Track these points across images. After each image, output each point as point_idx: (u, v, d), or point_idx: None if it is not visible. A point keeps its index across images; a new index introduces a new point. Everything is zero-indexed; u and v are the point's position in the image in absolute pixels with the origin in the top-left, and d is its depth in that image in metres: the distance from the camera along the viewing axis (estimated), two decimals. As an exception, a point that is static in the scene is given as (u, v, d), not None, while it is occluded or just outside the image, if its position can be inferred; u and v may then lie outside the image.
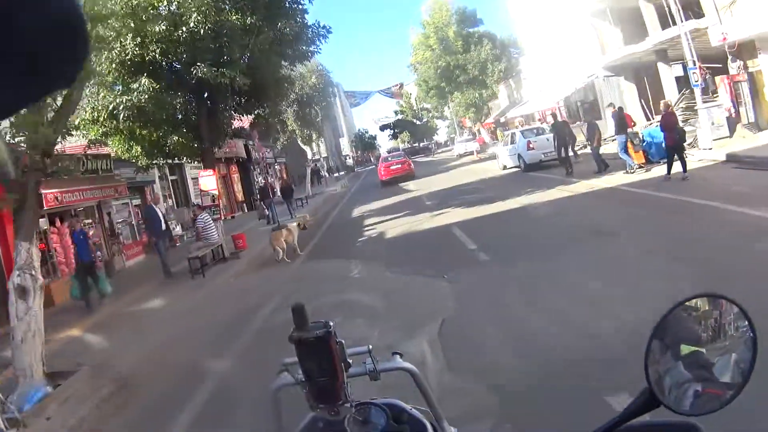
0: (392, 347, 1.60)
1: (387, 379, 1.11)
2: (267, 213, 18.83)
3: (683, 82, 15.99)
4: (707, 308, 0.87)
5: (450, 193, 16.52)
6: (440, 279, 6.63)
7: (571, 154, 15.30)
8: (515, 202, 11.72)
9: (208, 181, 13.02)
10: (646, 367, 0.85)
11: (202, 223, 11.78)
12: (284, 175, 35.17)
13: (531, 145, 17.82)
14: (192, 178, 20.83)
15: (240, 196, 27.38)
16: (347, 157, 72.03)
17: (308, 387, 0.98)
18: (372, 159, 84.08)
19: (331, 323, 0.98)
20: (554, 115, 17.24)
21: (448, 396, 3.19)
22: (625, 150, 12.20)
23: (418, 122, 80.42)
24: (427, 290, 6.37)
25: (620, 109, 13.49)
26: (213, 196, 12.86)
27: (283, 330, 1.03)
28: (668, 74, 17.24)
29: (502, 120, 39.30)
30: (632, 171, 11.90)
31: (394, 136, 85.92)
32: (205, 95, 12.51)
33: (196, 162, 15.10)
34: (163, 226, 11.99)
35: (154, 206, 12.21)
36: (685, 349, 0.86)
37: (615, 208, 9.09)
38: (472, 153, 37.01)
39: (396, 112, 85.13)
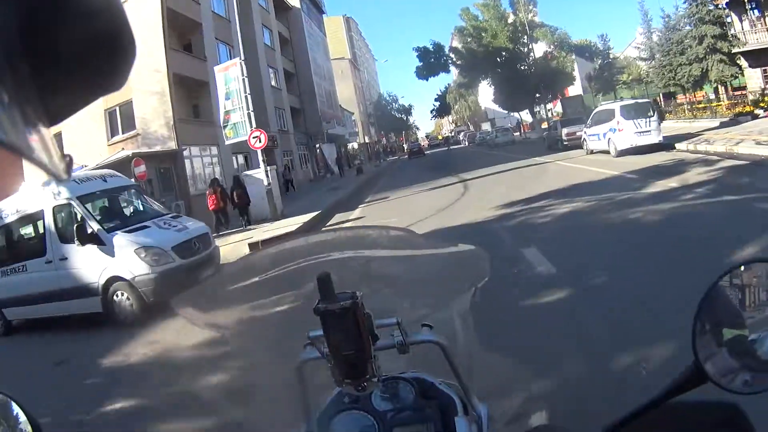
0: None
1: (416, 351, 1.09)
2: None
3: None
4: (752, 277, 0.80)
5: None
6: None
7: None
8: None
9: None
10: (693, 343, 0.80)
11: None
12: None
13: None
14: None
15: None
16: (309, 154, 30.39)
17: (334, 361, 0.95)
18: (405, 146, 47.67)
19: (359, 294, 0.93)
20: None
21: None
22: None
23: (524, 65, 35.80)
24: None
25: None
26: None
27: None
28: None
29: None
30: None
31: (440, 113, 47.78)
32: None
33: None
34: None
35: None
36: (728, 333, 0.80)
37: None
38: None
39: (453, 49, 38.17)
